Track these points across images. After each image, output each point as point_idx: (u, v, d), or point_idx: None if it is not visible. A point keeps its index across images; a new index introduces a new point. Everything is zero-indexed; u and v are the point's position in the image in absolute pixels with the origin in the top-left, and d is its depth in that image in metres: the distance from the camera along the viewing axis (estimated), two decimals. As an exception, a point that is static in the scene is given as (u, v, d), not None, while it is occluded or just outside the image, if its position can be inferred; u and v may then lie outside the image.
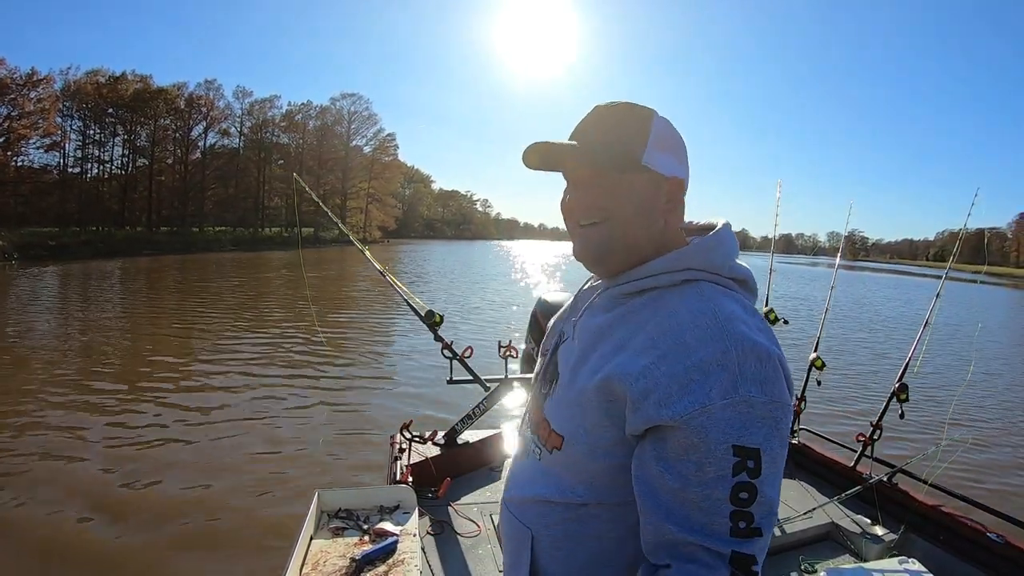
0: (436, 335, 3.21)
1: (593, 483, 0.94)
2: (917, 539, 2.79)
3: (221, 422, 6.47)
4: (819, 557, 2.73)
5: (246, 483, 5.00)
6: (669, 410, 0.80)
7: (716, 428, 0.79)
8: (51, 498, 4.61)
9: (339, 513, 2.38)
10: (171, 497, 4.72)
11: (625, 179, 0.95)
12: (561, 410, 0.99)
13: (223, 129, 61.43)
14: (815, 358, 3.73)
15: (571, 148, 0.97)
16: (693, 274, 0.93)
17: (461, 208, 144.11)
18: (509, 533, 1.10)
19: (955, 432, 4.97)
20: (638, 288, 0.95)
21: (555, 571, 1.00)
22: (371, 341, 11.64)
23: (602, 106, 1.00)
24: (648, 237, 0.97)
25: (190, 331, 11.70)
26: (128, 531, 4.22)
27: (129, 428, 6.15)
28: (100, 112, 51.39)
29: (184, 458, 5.47)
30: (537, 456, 1.03)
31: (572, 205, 1.01)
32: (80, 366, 8.62)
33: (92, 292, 18.27)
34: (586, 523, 0.96)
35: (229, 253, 42.08)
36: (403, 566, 2.09)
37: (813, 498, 3.20)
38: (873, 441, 3.21)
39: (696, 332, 0.84)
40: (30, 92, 43.83)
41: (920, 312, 21.70)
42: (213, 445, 5.81)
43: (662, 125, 0.98)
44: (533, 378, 1.17)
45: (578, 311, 1.08)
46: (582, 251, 1.02)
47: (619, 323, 0.95)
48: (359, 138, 75.18)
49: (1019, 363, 13.10)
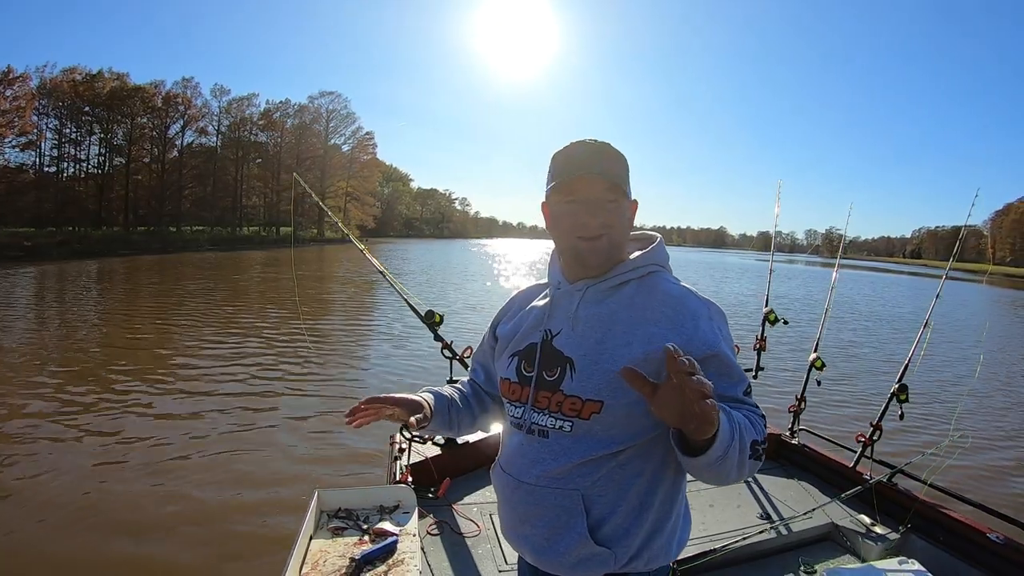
0: (436, 335, 3.21)
1: (628, 429, 1.23)
2: (917, 539, 2.81)
3: (219, 422, 6.47)
4: (819, 557, 2.77)
5: (245, 483, 5.01)
6: (707, 346, 1.21)
7: (726, 349, 1.24)
8: (39, 504, 4.55)
9: (339, 513, 2.36)
10: (171, 497, 4.72)
11: (622, 203, 1.31)
12: (596, 380, 1.24)
13: (201, 128, 60.97)
14: (815, 358, 3.76)
15: (613, 179, 1.28)
16: (655, 268, 1.35)
17: (440, 207, 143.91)
18: (550, 506, 1.28)
19: (955, 432, 5.01)
20: (622, 280, 1.31)
21: (612, 514, 1.26)
22: (371, 341, 11.68)
23: (599, 143, 1.30)
24: (623, 245, 1.36)
25: (185, 333, 11.64)
26: (128, 533, 4.21)
27: (124, 429, 6.13)
28: (76, 110, 50.85)
29: (183, 458, 5.47)
30: (568, 429, 1.27)
31: (586, 220, 1.29)
32: (57, 371, 8.49)
33: (69, 294, 17.96)
34: (626, 465, 1.25)
35: (208, 253, 41.68)
36: (403, 566, 2.08)
37: (813, 498, 3.23)
38: (873, 441, 3.23)
39: (689, 301, 1.27)
40: (6, 90, 43.50)
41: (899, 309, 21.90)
42: (212, 445, 5.81)
43: (621, 160, 1.32)
44: (515, 374, 1.39)
45: (568, 308, 1.34)
46: (594, 257, 1.31)
47: (624, 308, 1.29)
48: (337, 136, 75.24)
49: (1018, 363, 13.18)
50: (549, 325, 1.36)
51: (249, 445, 5.88)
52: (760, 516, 3.04)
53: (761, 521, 2.97)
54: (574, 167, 1.27)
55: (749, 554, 2.74)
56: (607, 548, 1.24)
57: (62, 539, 4.12)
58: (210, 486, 4.93)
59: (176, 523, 4.34)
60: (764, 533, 2.80)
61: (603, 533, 1.24)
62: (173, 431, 6.14)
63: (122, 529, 4.25)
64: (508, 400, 1.41)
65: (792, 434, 3.80)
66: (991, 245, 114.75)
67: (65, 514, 4.41)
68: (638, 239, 1.44)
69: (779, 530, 2.87)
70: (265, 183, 67.14)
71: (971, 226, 4.04)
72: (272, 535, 4.21)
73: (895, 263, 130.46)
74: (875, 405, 3.46)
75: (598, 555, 1.24)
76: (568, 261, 1.37)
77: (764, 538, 2.78)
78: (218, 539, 4.20)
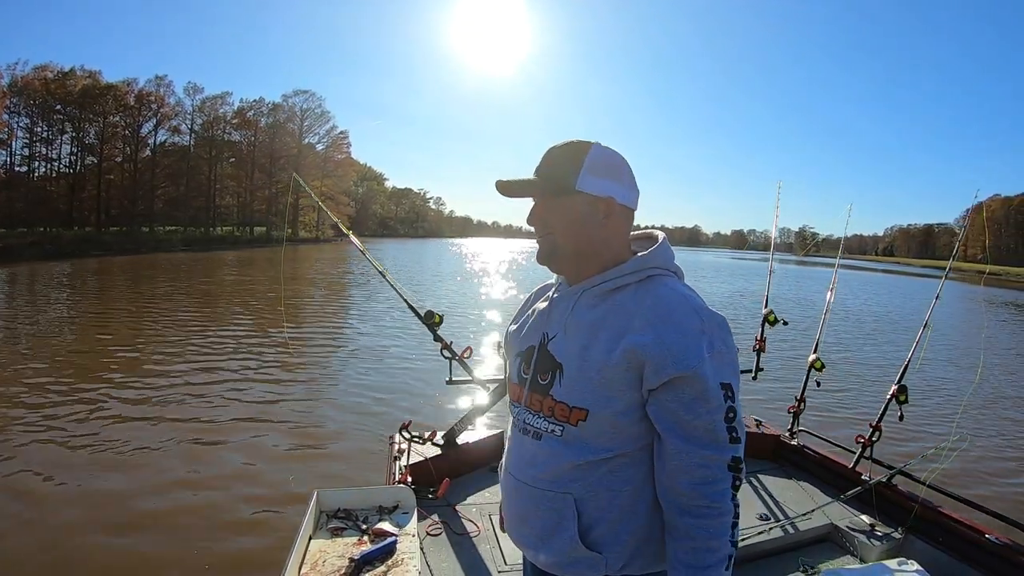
0: (435, 335, 3.20)
1: (616, 437, 1.21)
2: (916, 540, 2.82)
3: (218, 422, 6.45)
4: (819, 558, 2.78)
5: (244, 483, 5.00)
6: (679, 366, 1.12)
7: (710, 373, 1.13)
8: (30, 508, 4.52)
9: (338, 513, 2.37)
10: (170, 498, 4.72)
11: (561, 201, 1.26)
12: (578, 388, 1.22)
13: (173, 127, 59.98)
14: (814, 359, 3.77)
15: (526, 181, 1.29)
16: (655, 271, 1.26)
17: (415, 206, 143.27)
18: (543, 507, 1.29)
19: (955, 434, 5.05)
20: (615, 285, 1.25)
21: (601, 518, 1.24)
22: (370, 341, 11.58)
23: (553, 146, 1.30)
24: (591, 244, 1.28)
25: (179, 334, 11.49)
26: (126, 534, 4.19)
27: (118, 429, 6.11)
28: (48, 109, 49.96)
29: (182, 458, 5.45)
30: (559, 433, 1.26)
31: (531, 220, 1.33)
32: (47, 371, 8.31)
33: (40, 297, 17.60)
34: (617, 472, 1.23)
35: (181, 253, 41.07)
36: (402, 566, 2.08)
37: (813, 499, 3.24)
38: (872, 442, 3.24)
39: (680, 311, 1.17)
40: (-24, 89, 42.39)
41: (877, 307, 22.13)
42: (210, 446, 5.78)
43: (599, 154, 1.26)
44: (517, 375, 1.40)
45: (563, 312, 1.31)
46: (539, 255, 1.34)
47: (612, 314, 1.23)
48: (312, 135, 74.45)
49: (1018, 363, 13.23)
50: (547, 328, 1.34)
51: (248, 444, 5.85)
52: (760, 516, 3.05)
53: (761, 522, 2.98)
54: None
55: (749, 554, 2.75)
56: (598, 552, 1.24)
57: (62, 539, 4.12)
58: (209, 485, 4.92)
59: (175, 523, 4.33)
60: (764, 534, 2.82)
61: (593, 537, 1.24)
62: (171, 430, 6.10)
63: (121, 528, 4.25)
64: (510, 399, 1.43)
65: (792, 435, 3.82)
66: (964, 243, 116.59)
67: (66, 514, 4.41)
68: (642, 238, 1.39)
69: (779, 531, 2.88)
70: (239, 182, 66.36)
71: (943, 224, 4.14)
72: (271, 535, 4.20)
73: (868, 260, 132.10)
74: (874, 406, 3.48)
75: (589, 558, 1.24)
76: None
77: (764, 539, 2.80)
78: (216, 539, 4.18)
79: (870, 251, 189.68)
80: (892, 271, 71.67)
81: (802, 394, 3.84)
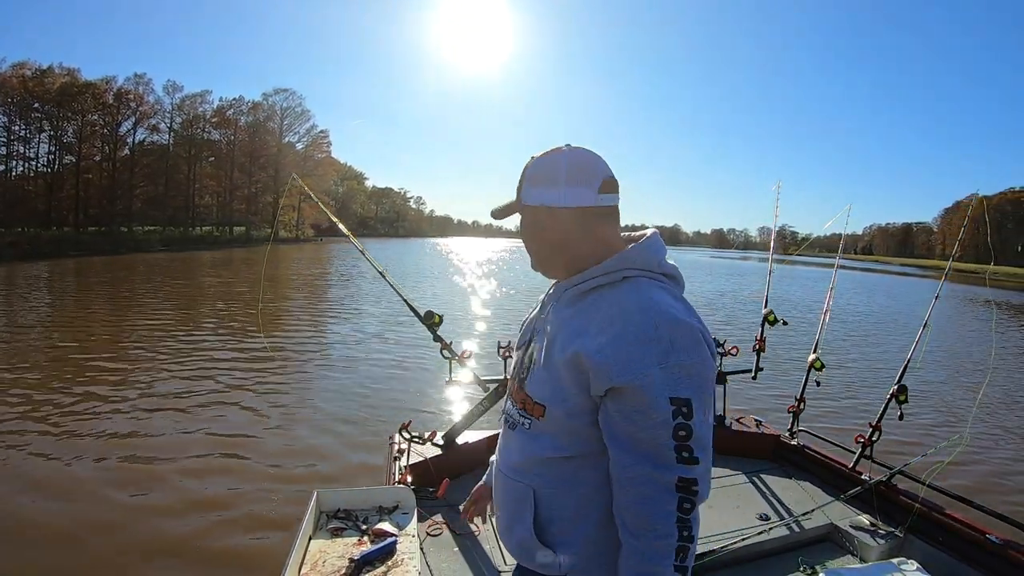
0: (435, 335, 3.20)
1: (573, 438, 1.21)
2: (916, 540, 2.83)
3: (216, 421, 6.43)
4: (819, 558, 2.78)
5: (244, 483, 4.97)
6: (622, 376, 1.08)
7: (656, 386, 1.07)
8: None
9: (338, 513, 2.37)
10: (168, 496, 4.70)
11: (521, 217, 1.31)
12: (540, 384, 1.25)
13: (152, 125, 59.26)
14: (814, 359, 3.78)
15: (505, 205, 1.33)
16: (631, 272, 1.21)
17: (395, 206, 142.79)
18: (510, 495, 1.34)
19: (954, 434, 5.08)
20: (589, 287, 1.23)
21: (553, 516, 1.26)
22: (369, 341, 11.53)
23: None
24: (553, 251, 1.29)
25: (174, 336, 11.30)
26: (125, 534, 4.18)
27: (113, 428, 6.09)
28: (26, 107, 49.25)
29: (181, 457, 5.42)
30: (527, 427, 1.28)
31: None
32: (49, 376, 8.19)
33: (17, 299, 17.29)
34: (574, 472, 1.23)
35: (160, 253, 40.61)
36: (402, 567, 2.09)
37: (813, 499, 3.24)
38: (872, 442, 3.25)
39: (636, 316, 1.11)
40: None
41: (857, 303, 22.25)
42: (210, 446, 5.75)
43: (536, 165, 1.26)
44: (513, 369, 1.44)
45: (549, 311, 1.34)
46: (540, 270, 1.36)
47: (579, 314, 1.22)
48: (292, 134, 74.15)
49: (1016, 361, 13.31)
50: (536, 325, 1.39)
51: (247, 444, 5.83)
52: (760, 517, 3.06)
53: (761, 522, 2.98)
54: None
55: (749, 555, 2.76)
56: (550, 549, 1.26)
57: (61, 538, 4.11)
58: (207, 486, 4.90)
59: (174, 522, 4.32)
60: (764, 534, 2.82)
61: (550, 533, 1.27)
62: (168, 430, 6.09)
63: (121, 528, 4.24)
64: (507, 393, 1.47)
65: (792, 435, 3.83)
66: (942, 241, 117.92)
67: (64, 514, 4.41)
68: (640, 238, 1.32)
69: (779, 530, 2.89)
70: (218, 182, 65.85)
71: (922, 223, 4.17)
72: (271, 535, 4.18)
73: (848, 259, 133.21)
74: (873, 405, 3.49)
75: (543, 553, 1.26)
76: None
77: (764, 539, 2.81)
78: (216, 539, 4.16)
79: (849, 250, 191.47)
80: (873, 270, 72.22)
81: (802, 394, 3.85)
